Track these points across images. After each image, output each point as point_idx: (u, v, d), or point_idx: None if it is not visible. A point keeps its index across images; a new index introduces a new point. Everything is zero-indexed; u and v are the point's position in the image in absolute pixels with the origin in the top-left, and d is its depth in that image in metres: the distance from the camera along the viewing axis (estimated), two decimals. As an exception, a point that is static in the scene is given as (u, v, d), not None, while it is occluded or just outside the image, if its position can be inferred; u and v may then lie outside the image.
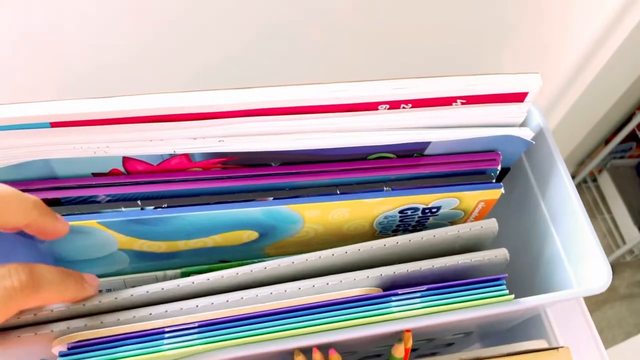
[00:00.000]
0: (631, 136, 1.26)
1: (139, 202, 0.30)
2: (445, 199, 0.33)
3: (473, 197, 0.33)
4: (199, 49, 0.51)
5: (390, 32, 0.56)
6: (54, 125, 0.27)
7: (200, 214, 0.30)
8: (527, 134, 0.32)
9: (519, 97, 0.31)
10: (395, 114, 0.30)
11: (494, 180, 0.33)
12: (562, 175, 0.32)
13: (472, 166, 0.33)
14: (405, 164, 0.32)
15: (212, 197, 0.31)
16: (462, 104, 0.31)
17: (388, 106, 0.30)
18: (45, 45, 0.45)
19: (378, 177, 0.32)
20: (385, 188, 0.32)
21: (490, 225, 0.31)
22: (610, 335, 1.26)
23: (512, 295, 0.28)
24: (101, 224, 0.29)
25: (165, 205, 0.30)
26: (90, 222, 0.29)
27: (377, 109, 0.30)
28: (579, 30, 0.73)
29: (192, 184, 0.30)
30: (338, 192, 0.31)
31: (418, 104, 0.30)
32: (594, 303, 1.32)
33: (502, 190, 0.33)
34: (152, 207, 0.30)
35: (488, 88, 0.30)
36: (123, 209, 0.30)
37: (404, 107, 0.30)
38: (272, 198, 0.31)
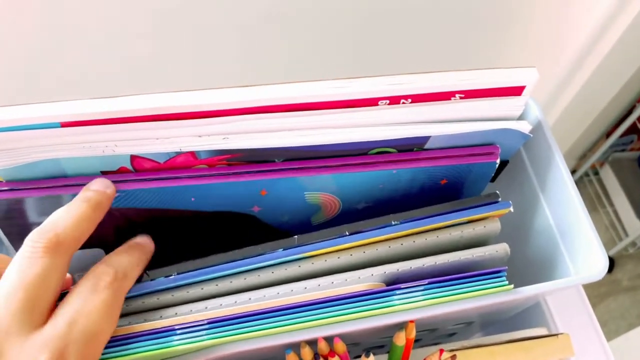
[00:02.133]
0: (632, 129, 1.27)
1: (147, 273, 0.29)
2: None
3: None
4: (200, 49, 0.51)
5: (390, 29, 0.56)
6: (64, 125, 0.28)
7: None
8: (525, 127, 0.33)
9: (517, 91, 0.32)
10: (395, 109, 0.31)
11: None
12: (559, 167, 0.33)
13: (471, 160, 0.33)
14: (406, 158, 0.33)
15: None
16: (461, 98, 0.31)
17: (388, 101, 0.31)
18: (55, 48, 0.46)
19: (380, 172, 0.33)
20: (393, 222, 0.30)
21: (493, 225, 0.32)
22: (614, 327, 1.27)
23: (512, 285, 0.29)
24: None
25: (175, 273, 0.29)
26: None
27: (378, 105, 0.31)
28: (577, 23, 0.73)
29: (198, 179, 0.31)
30: (347, 232, 0.30)
31: (418, 98, 0.31)
32: (597, 296, 1.32)
33: (511, 209, 0.31)
34: (163, 277, 0.29)
35: (486, 82, 0.31)
36: None
37: (403, 102, 0.31)
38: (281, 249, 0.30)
